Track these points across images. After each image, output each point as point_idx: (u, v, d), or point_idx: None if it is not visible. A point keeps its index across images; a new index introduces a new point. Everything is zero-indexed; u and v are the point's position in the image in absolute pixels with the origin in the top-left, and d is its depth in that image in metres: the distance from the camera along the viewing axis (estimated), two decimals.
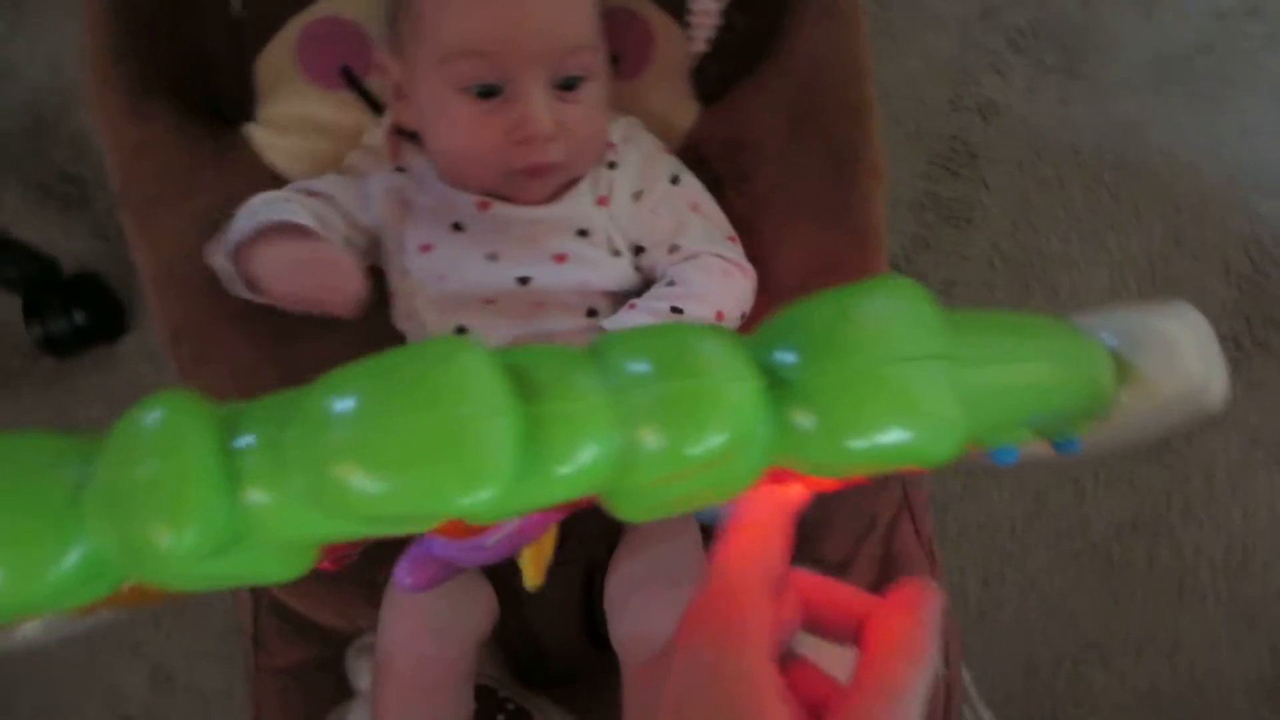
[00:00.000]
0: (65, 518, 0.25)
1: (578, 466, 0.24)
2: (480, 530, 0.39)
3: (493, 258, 0.66)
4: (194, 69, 0.66)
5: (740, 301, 0.68)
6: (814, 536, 0.73)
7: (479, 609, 0.65)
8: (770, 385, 0.27)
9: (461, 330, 0.67)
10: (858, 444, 0.28)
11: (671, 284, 0.67)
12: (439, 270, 0.66)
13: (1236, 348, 1.07)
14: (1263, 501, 1.05)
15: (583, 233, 0.67)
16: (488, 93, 0.62)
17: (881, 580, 0.75)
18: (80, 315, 1.02)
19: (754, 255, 0.71)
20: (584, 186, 0.68)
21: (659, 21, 0.71)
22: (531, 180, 0.65)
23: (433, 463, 0.23)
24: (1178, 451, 1.06)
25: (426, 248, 0.66)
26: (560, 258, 0.66)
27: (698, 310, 0.65)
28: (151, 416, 0.25)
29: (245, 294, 0.63)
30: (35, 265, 1.00)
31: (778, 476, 0.31)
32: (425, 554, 0.47)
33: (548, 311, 0.67)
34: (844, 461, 0.28)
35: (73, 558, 0.25)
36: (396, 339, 0.71)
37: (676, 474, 0.26)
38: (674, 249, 0.68)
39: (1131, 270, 1.10)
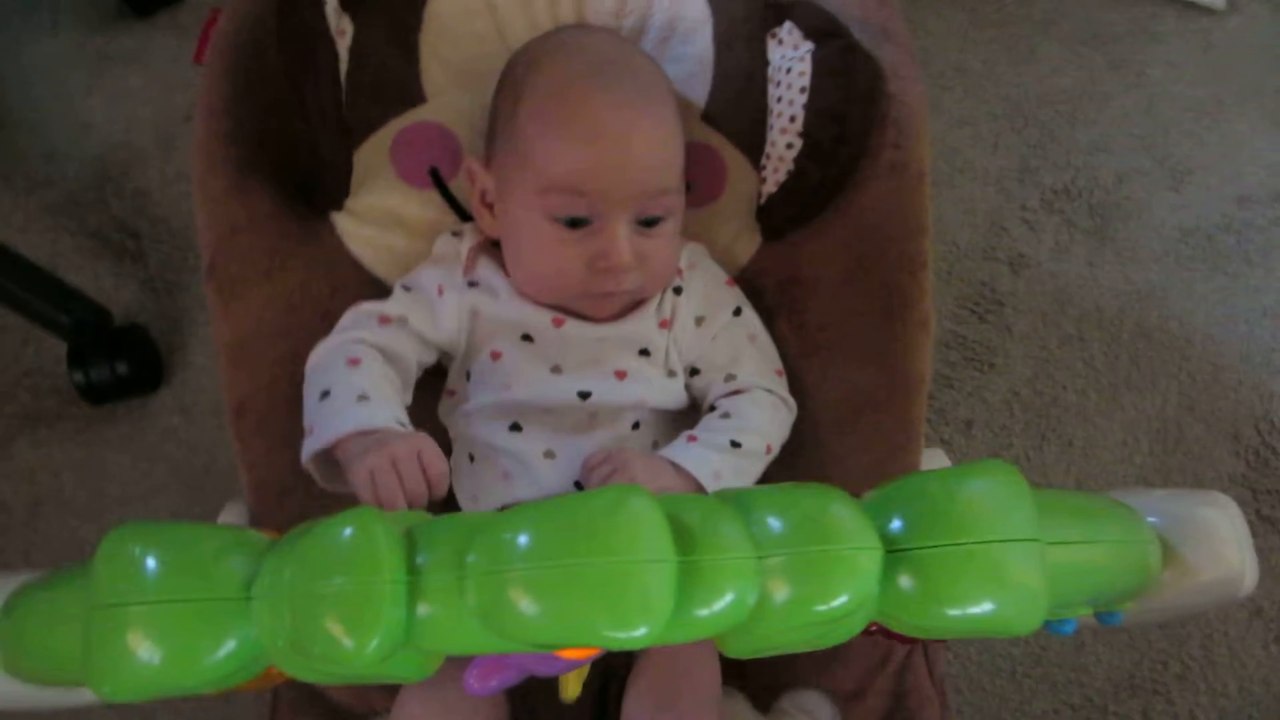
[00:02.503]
0: (230, 610, 0.27)
1: (717, 611, 0.27)
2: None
3: (556, 370, 0.69)
4: (297, 158, 0.69)
5: (784, 435, 0.72)
6: (827, 666, 0.75)
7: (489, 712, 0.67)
8: (885, 549, 0.30)
9: (516, 427, 0.69)
10: (953, 612, 0.30)
11: (726, 416, 0.70)
12: (504, 379, 0.69)
13: None
14: (1260, 674, 1.06)
15: (644, 352, 0.71)
16: (576, 223, 0.66)
17: (892, 715, 0.76)
18: (123, 366, 1.04)
19: (796, 386, 0.74)
20: (649, 308, 0.72)
21: (734, 159, 0.76)
22: (603, 301, 0.69)
23: (601, 602, 0.25)
24: None
25: (496, 355, 0.70)
26: (620, 374, 0.70)
27: (753, 444, 0.68)
28: (345, 532, 0.27)
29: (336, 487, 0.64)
30: (88, 314, 1.02)
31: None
32: (498, 660, 0.48)
33: (598, 422, 0.70)
34: (937, 625, 0.30)
35: (229, 647, 0.27)
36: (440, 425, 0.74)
37: (798, 626, 0.28)
38: (729, 378, 0.71)
39: (1144, 430, 1.13)
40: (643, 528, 0.25)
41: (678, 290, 0.73)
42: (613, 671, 0.69)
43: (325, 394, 0.64)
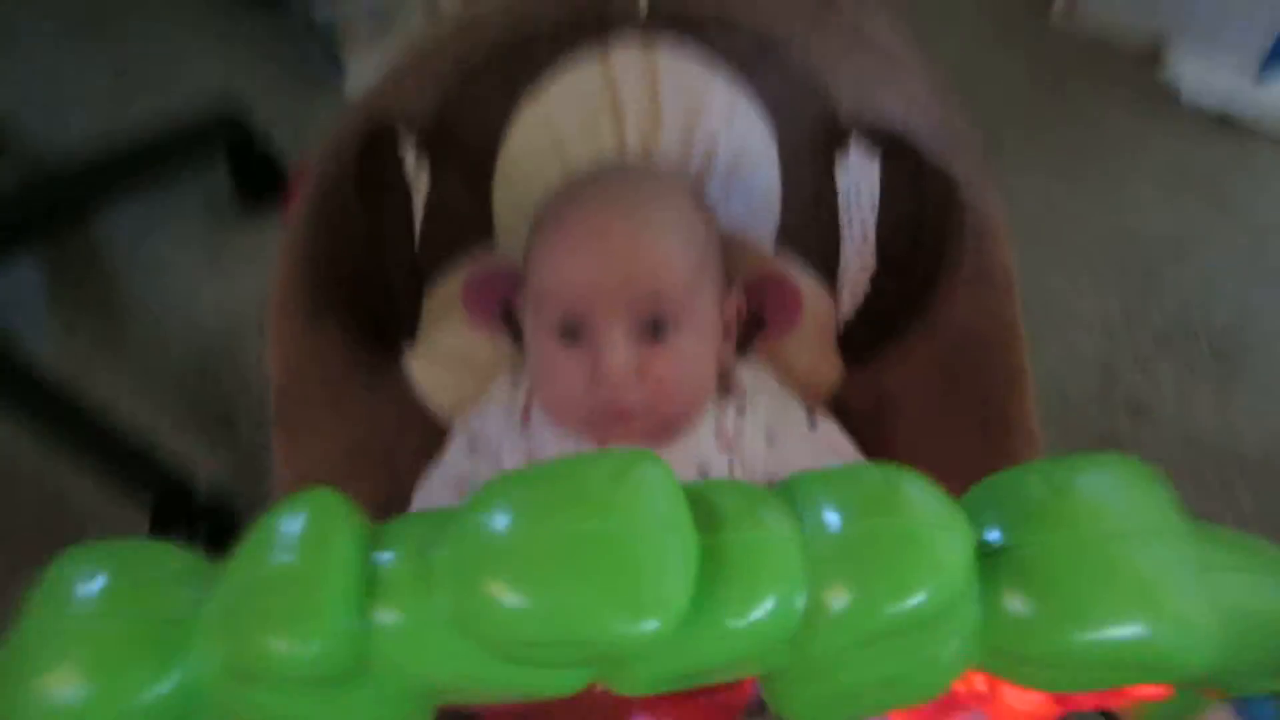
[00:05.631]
0: (170, 637, 0.22)
1: (754, 620, 0.20)
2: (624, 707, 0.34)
3: None
4: (371, 301, 0.70)
5: None
6: None
7: None
8: (980, 554, 0.23)
9: None
10: (1086, 636, 0.22)
11: None
12: None
13: None
14: None
15: (704, 474, 0.65)
16: (571, 335, 0.63)
17: None
18: (200, 539, 1.03)
19: None
20: (704, 429, 0.67)
21: (808, 287, 0.73)
22: (615, 423, 0.63)
23: (596, 578, 0.19)
24: None
25: None
26: None
27: None
28: (294, 514, 0.23)
29: None
30: (172, 486, 1.03)
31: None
32: None
33: None
34: (1068, 658, 0.23)
35: (167, 684, 0.22)
36: None
37: (865, 640, 0.21)
38: None
39: None
40: (650, 494, 0.20)
41: (740, 411, 0.68)
42: None
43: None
